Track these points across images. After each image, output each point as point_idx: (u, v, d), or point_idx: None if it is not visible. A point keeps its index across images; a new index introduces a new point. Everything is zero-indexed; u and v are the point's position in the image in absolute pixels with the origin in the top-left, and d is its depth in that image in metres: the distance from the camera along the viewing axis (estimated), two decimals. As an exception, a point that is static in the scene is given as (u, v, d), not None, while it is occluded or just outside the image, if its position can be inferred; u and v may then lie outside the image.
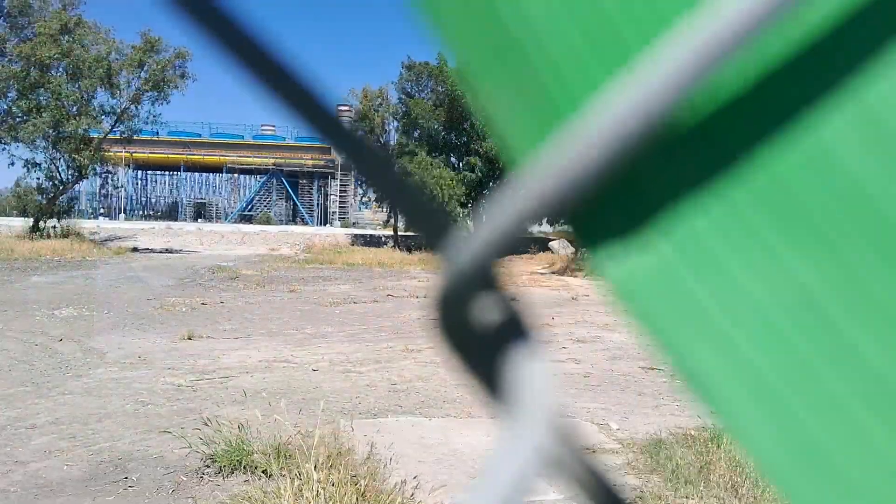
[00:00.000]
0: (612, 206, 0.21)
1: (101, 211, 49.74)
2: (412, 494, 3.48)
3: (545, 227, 31.55)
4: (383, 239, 30.62)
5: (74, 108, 23.99)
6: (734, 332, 0.20)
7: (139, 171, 54.07)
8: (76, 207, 33.92)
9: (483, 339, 0.20)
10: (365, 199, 52.29)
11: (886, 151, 0.19)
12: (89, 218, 40.01)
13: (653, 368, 7.08)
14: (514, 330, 0.20)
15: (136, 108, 25.83)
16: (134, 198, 54.86)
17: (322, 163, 49.83)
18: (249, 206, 52.76)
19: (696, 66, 0.18)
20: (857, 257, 0.19)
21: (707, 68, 0.18)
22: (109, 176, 28.91)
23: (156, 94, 25.48)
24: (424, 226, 0.20)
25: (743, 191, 0.20)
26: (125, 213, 49.67)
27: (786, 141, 0.20)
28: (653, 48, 0.19)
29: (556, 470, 0.20)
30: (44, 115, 23.06)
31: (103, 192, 44.66)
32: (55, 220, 25.20)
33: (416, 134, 27.85)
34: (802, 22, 0.19)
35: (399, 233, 29.32)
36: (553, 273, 20.15)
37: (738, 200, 0.20)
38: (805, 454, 0.20)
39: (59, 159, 25.11)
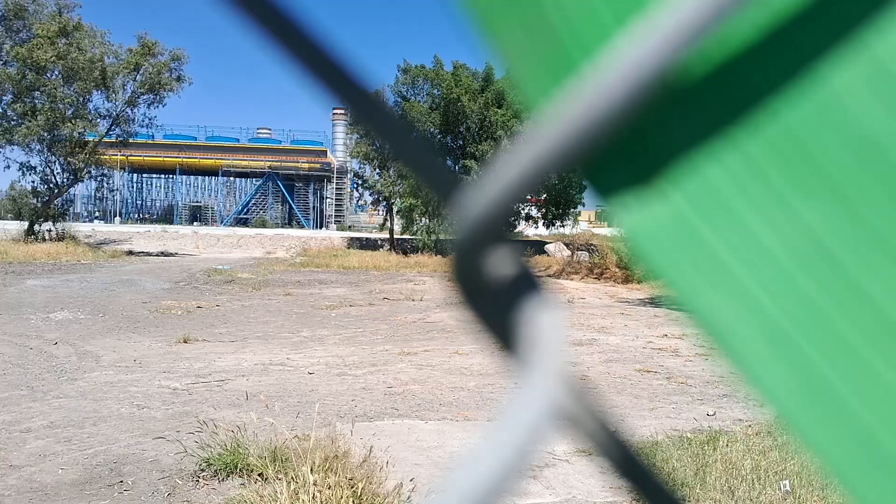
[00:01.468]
0: (626, 156, 0.21)
1: (97, 214, 49.64)
2: (409, 497, 3.47)
3: (541, 230, 31.61)
4: (379, 242, 30.65)
5: (70, 111, 23.95)
6: (747, 279, 0.20)
7: (135, 175, 54.01)
8: (71, 211, 33.85)
9: (496, 292, 0.20)
10: (361, 203, 52.32)
11: (895, 101, 0.19)
12: (84, 221, 39.94)
13: (649, 371, 7.09)
14: (525, 283, 0.20)
15: (132, 111, 25.83)
16: (129, 201, 54.80)
17: (318, 166, 49.84)
18: (245, 210, 52.71)
19: (709, 16, 0.18)
20: (868, 205, 0.20)
21: (720, 18, 0.18)
22: (105, 179, 28.84)
23: (151, 96, 25.48)
24: (437, 182, 0.20)
25: (755, 141, 0.20)
26: (120, 216, 49.59)
27: (797, 91, 0.20)
28: None
29: (568, 422, 0.20)
30: (39, 118, 23.01)
31: (98, 195, 44.53)
32: (50, 223, 25.14)
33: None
34: None
35: (395, 236, 29.33)
36: (549, 276, 20.18)
37: (750, 150, 0.20)
38: (817, 397, 0.21)
39: (55, 162, 25.06)
